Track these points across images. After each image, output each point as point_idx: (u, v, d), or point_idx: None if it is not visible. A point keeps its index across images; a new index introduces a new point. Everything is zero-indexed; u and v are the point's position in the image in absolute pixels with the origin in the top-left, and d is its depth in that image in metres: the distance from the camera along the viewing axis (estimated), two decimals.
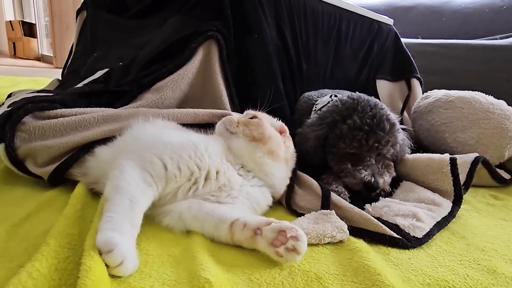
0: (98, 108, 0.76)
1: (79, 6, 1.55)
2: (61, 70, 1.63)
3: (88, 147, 0.67)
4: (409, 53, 1.65)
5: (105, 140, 0.67)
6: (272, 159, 0.66)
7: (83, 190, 0.62)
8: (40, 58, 5.13)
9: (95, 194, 0.64)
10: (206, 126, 0.77)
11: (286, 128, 0.74)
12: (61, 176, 0.67)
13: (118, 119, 0.72)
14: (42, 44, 5.23)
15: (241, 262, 0.50)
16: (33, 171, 0.67)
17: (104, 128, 0.69)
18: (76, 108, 0.74)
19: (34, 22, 5.21)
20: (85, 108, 0.75)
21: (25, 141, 0.68)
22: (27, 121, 0.68)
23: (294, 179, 0.75)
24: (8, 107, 0.76)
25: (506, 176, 1.02)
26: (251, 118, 0.69)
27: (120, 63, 1.06)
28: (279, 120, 0.75)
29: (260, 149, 0.65)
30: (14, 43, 5.10)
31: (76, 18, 1.55)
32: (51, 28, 3.99)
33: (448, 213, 0.72)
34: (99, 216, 0.47)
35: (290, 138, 0.75)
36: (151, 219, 0.57)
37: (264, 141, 0.65)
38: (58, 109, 0.72)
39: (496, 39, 2.07)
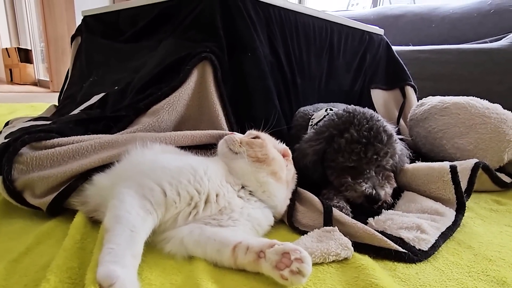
0: (94, 135, 0.76)
1: (73, 31, 1.57)
2: (57, 94, 1.64)
3: (86, 175, 0.67)
4: (401, 61, 1.67)
5: (103, 167, 0.67)
6: (275, 180, 0.65)
7: (82, 220, 0.62)
8: (37, 83, 5.18)
9: (95, 222, 0.63)
10: (205, 148, 0.77)
11: (289, 151, 0.74)
12: (60, 206, 0.66)
13: (116, 145, 0.72)
14: (38, 69, 5.29)
15: (245, 287, 0.49)
16: (32, 203, 0.67)
17: (102, 155, 0.69)
18: (73, 137, 0.74)
19: (30, 48, 5.29)
20: (82, 136, 0.75)
21: (22, 172, 0.67)
22: (24, 152, 0.68)
23: (294, 198, 0.74)
24: (5, 138, 0.76)
25: (507, 179, 1.02)
26: (254, 138, 0.69)
27: (116, 87, 1.07)
28: (281, 142, 0.75)
29: (263, 169, 0.65)
30: (10, 70, 5.15)
31: (71, 44, 1.57)
32: (47, 53, 4.04)
33: (452, 222, 0.71)
34: (99, 247, 0.46)
35: (292, 161, 0.75)
36: (152, 246, 0.56)
37: (268, 162, 0.65)
38: (55, 139, 0.72)
39: (486, 42, 2.10)
